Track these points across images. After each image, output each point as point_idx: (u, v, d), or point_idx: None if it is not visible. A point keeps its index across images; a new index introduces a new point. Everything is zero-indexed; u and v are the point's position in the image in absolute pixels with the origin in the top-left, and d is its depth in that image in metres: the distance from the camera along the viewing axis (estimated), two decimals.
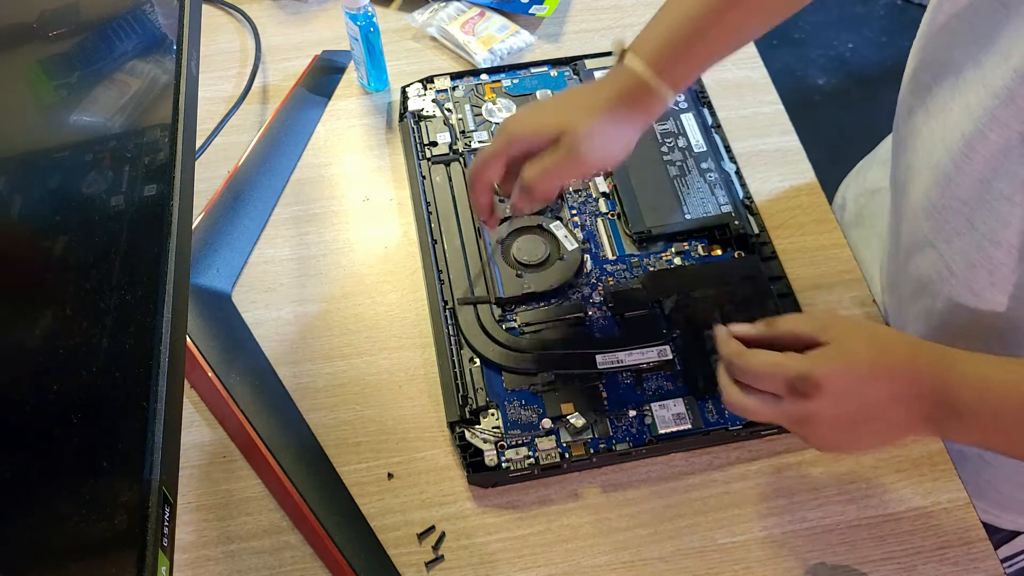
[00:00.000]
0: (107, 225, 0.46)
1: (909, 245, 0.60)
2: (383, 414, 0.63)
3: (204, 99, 0.74)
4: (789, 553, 0.57)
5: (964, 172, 0.51)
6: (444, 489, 0.60)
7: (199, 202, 0.72)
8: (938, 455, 0.60)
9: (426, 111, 0.77)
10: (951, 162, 0.51)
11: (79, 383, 0.40)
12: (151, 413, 0.43)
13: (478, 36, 0.83)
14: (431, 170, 0.73)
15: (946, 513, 0.58)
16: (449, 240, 0.68)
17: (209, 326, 0.66)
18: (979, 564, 0.56)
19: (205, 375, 0.63)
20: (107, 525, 0.39)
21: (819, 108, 1.85)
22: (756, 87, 0.81)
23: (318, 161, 0.77)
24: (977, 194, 0.50)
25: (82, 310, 0.42)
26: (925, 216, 0.56)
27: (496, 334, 0.63)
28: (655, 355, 0.62)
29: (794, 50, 1.92)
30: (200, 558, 0.57)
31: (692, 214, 0.69)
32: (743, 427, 0.59)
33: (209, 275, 0.69)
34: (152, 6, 0.59)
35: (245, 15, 0.87)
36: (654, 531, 0.58)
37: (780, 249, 0.69)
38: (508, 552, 0.57)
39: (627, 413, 0.60)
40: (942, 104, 0.53)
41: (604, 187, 0.72)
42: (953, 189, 0.52)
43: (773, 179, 0.75)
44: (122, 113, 0.52)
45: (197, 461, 0.61)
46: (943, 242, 0.55)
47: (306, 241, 0.72)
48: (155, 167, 0.51)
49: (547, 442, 0.59)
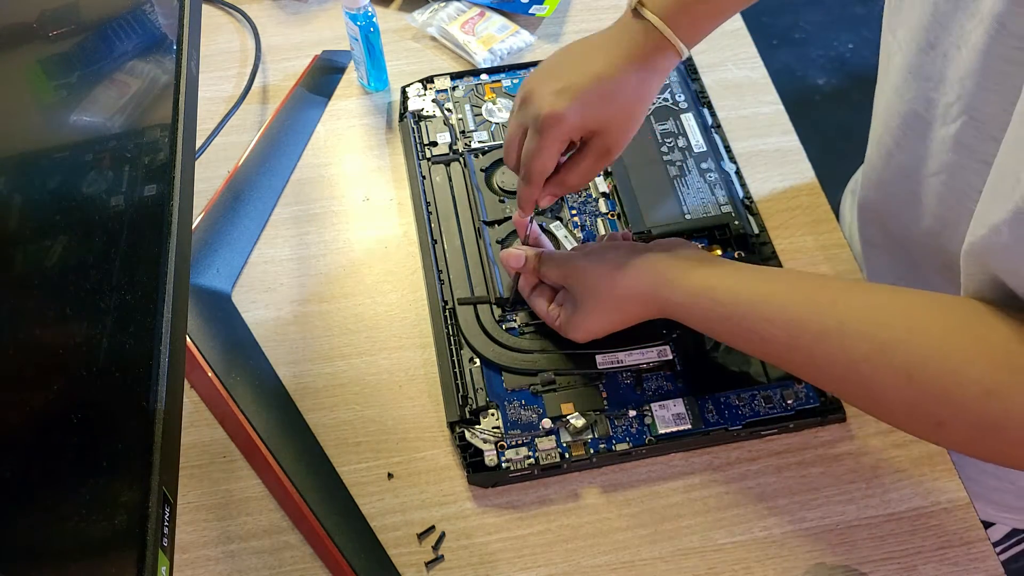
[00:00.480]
0: (107, 225, 0.46)
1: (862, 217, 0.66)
2: (383, 414, 0.63)
3: (204, 99, 0.74)
4: (789, 553, 0.57)
5: (903, 147, 0.58)
6: (444, 489, 0.60)
7: (199, 202, 0.72)
8: (938, 455, 0.60)
9: (426, 111, 0.77)
10: (892, 139, 0.58)
11: (79, 383, 0.40)
12: (151, 413, 0.43)
13: (478, 36, 0.83)
14: (431, 170, 0.73)
15: (946, 513, 0.58)
16: (449, 240, 0.68)
17: (209, 326, 0.66)
18: (979, 564, 0.56)
19: (205, 375, 0.63)
20: (107, 525, 0.39)
21: (819, 108, 1.85)
22: (756, 87, 0.81)
23: (318, 161, 0.77)
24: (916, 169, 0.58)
25: (82, 310, 0.42)
26: (874, 188, 0.65)
27: (496, 334, 0.63)
28: (655, 355, 0.62)
29: (794, 50, 1.92)
30: (200, 558, 0.57)
31: (692, 214, 0.69)
32: (743, 427, 0.59)
33: (209, 275, 0.69)
34: (152, 6, 0.59)
35: (245, 15, 0.87)
36: (654, 531, 0.58)
37: (780, 249, 0.69)
38: (508, 552, 0.57)
39: (627, 413, 0.60)
40: (881, 84, 0.59)
41: (604, 187, 0.72)
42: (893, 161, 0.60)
43: (773, 179, 0.75)
44: (122, 113, 0.52)
45: (197, 461, 0.61)
46: (891, 218, 0.63)
47: (306, 241, 0.72)
48: (155, 167, 0.51)
49: (547, 442, 0.59)
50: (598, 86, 0.53)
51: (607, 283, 0.56)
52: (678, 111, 0.76)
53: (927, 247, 0.60)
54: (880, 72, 0.62)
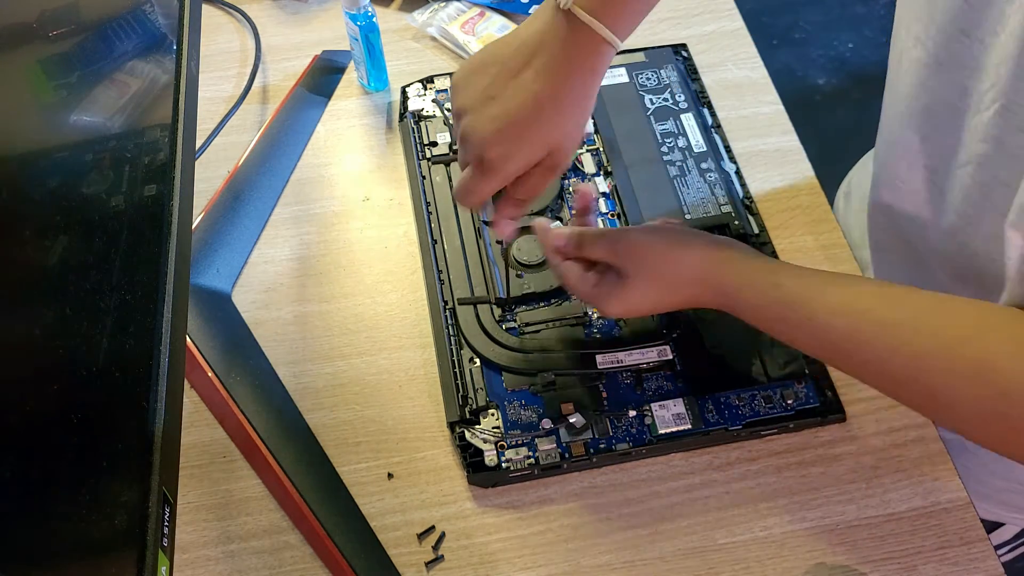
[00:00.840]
0: (107, 225, 0.46)
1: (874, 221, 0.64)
2: (383, 414, 0.63)
3: (204, 99, 0.74)
4: (789, 553, 0.57)
5: (931, 141, 0.56)
6: (444, 489, 0.60)
7: (199, 202, 0.72)
8: (938, 455, 0.60)
9: (426, 111, 0.77)
10: (916, 135, 0.58)
11: (79, 383, 0.40)
12: (151, 413, 0.43)
13: (478, 36, 0.83)
14: (431, 170, 0.73)
15: (946, 513, 0.58)
16: (449, 240, 0.68)
17: (209, 326, 0.66)
18: (979, 564, 0.56)
19: (205, 375, 0.63)
20: (107, 525, 0.39)
21: (819, 108, 1.85)
22: (756, 87, 0.81)
23: (318, 161, 0.77)
24: None
25: (82, 310, 0.42)
26: (891, 190, 0.63)
27: (496, 334, 0.63)
28: (655, 355, 0.62)
29: (794, 50, 1.92)
30: (200, 558, 0.57)
31: (692, 214, 0.69)
32: (743, 427, 0.59)
33: (209, 275, 0.69)
34: (152, 6, 0.59)
35: (245, 15, 0.87)
36: (654, 531, 0.58)
37: (780, 249, 0.69)
38: (508, 552, 0.57)
39: (627, 413, 0.60)
40: (892, 82, 0.58)
41: (604, 187, 0.72)
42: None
43: (773, 179, 0.75)
44: (122, 113, 0.52)
45: (197, 461, 0.61)
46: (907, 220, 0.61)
47: (306, 241, 0.72)
48: (155, 167, 0.51)
49: (547, 442, 0.59)
50: (538, 116, 0.49)
51: (666, 259, 0.54)
52: (678, 111, 0.76)
53: (943, 250, 0.60)
54: (891, 71, 0.61)
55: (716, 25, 0.85)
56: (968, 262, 0.57)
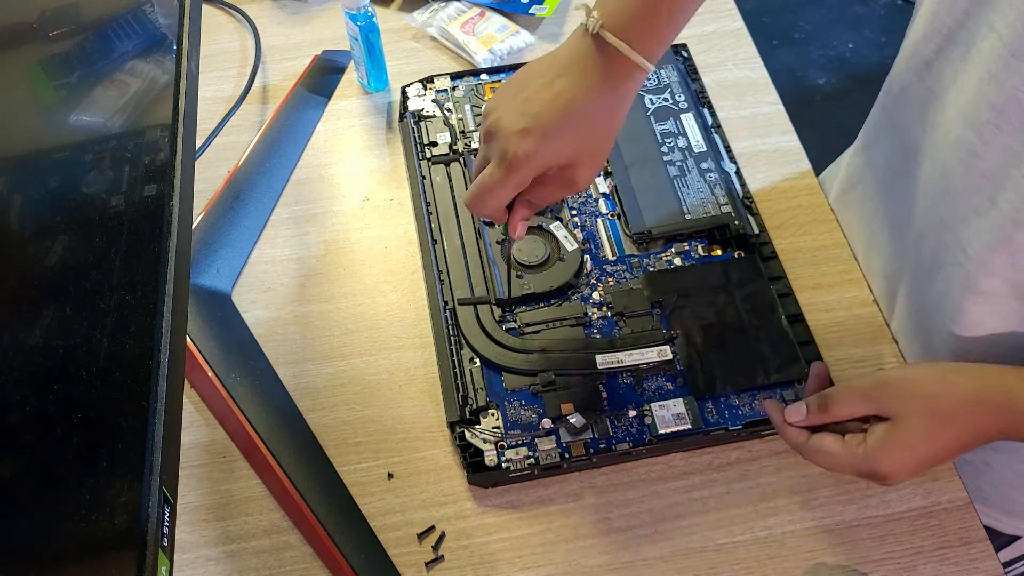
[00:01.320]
0: (107, 225, 0.46)
1: (920, 229, 0.59)
2: (383, 414, 0.63)
3: (204, 99, 0.74)
4: (789, 553, 0.57)
5: (992, 145, 0.50)
6: (444, 489, 0.60)
7: (199, 202, 0.72)
8: None
9: (426, 111, 0.77)
10: (976, 136, 0.50)
11: (79, 383, 0.40)
12: (151, 413, 0.43)
13: (478, 36, 0.83)
14: (431, 170, 0.73)
15: (946, 513, 0.58)
16: (449, 240, 0.68)
17: (209, 326, 0.66)
18: (979, 564, 0.56)
19: (205, 375, 0.63)
20: (107, 525, 0.39)
21: (819, 108, 1.85)
22: (756, 87, 0.81)
23: (318, 161, 0.77)
24: (1003, 169, 0.49)
25: (82, 310, 0.42)
26: (941, 196, 0.55)
27: (496, 334, 0.63)
28: (655, 355, 0.62)
29: (794, 50, 1.92)
30: (200, 558, 0.57)
31: (692, 214, 0.69)
32: (743, 427, 0.59)
33: (209, 275, 0.69)
34: (152, 6, 0.59)
35: (245, 15, 0.87)
36: (654, 531, 0.58)
37: (780, 249, 0.69)
38: (508, 552, 0.57)
39: (627, 413, 0.60)
40: (952, 77, 0.52)
41: (604, 187, 0.72)
42: (977, 164, 0.51)
43: (773, 179, 0.75)
44: (122, 113, 0.52)
45: (197, 461, 0.61)
46: (960, 223, 0.54)
47: (306, 241, 0.72)
48: (155, 167, 0.51)
49: (547, 442, 0.59)
50: (566, 121, 0.49)
51: (938, 384, 0.49)
52: (678, 111, 0.76)
53: (975, 260, 0.55)
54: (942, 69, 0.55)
55: (716, 25, 0.85)
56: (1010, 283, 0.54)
